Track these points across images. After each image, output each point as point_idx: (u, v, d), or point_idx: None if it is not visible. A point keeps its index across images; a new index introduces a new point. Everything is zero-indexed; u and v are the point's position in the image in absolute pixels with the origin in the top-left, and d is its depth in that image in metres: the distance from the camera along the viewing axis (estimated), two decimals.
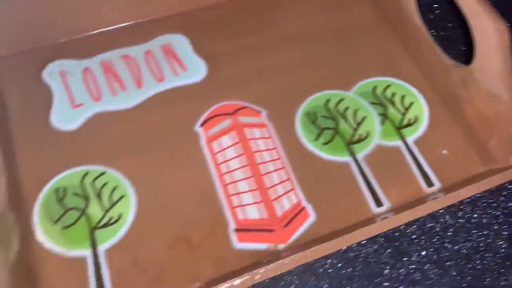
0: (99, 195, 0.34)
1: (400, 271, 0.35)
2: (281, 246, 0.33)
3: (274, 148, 0.37)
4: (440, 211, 0.37)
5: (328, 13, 0.45)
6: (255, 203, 0.35)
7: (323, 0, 0.45)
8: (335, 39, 0.43)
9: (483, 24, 0.33)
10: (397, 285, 0.34)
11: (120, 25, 0.41)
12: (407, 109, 0.40)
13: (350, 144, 0.38)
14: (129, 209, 0.34)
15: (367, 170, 0.37)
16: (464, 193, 0.33)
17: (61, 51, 0.40)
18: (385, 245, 0.36)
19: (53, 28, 0.39)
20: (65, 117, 0.37)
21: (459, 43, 0.45)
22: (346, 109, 0.40)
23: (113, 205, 0.34)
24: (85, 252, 0.32)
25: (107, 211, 0.34)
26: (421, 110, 0.40)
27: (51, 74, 0.39)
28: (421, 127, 0.39)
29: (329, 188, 0.36)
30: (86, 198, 0.34)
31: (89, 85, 0.39)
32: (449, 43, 0.45)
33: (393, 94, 0.41)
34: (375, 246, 0.36)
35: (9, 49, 0.38)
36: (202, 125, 0.38)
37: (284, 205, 0.35)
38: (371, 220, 0.35)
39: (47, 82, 0.38)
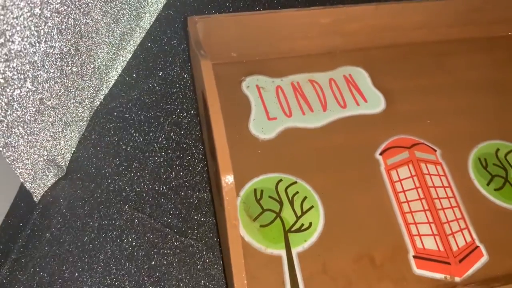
0: (291, 202, 0.37)
1: None
2: (458, 279, 0.35)
3: (448, 186, 0.40)
4: None
5: (503, 68, 0.48)
6: (432, 234, 0.37)
7: (497, 55, 0.48)
8: (505, 92, 0.46)
9: None
10: None
11: (308, 53, 0.46)
12: None
13: None
14: (318, 220, 0.37)
15: None
16: None
17: (257, 68, 0.44)
18: None
19: (254, 47, 0.44)
20: (262, 127, 0.41)
21: None
22: None
23: (304, 213, 0.37)
24: (281, 252, 0.35)
25: (299, 217, 0.37)
26: None
27: (248, 86, 0.43)
28: None
29: (501, 232, 0.38)
30: (281, 203, 0.37)
31: (281, 102, 0.43)
32: None
33: None
34: None
35: (220, 58, 0.44)
36: (381, 153, 0.41)
37: (459, 242, 0.37)
38: None
39: (246, 92, 0.43)
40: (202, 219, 0.39)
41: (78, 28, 0.37)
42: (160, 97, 0.45)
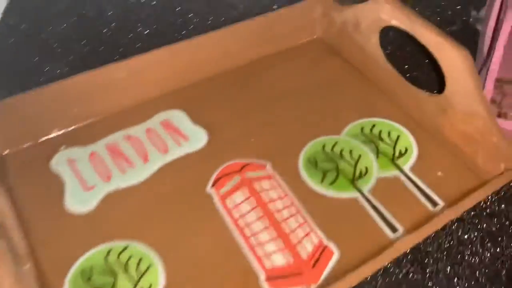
0: (126, 269, 0.34)
1: None
2: (313, 286, 0.34)
3: (285, 196, 0.39)
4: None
5: (307, 72, 0.50)
6: (279, 250, 0.36)
7: (300, 62, 0.51)
8: (318, 92, 0.48)
9: (448, 54, 0.38)
10: None
11: (119, 110, 0.44)
12: (395, 142, 0.44)
13: (354, 181, 0.40)
14: (157, 278, 0.34)
15: (375, 202, 0.39)
16: (468, 203, 0.36)
17: (65, 140, 0.41)
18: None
19: (54, 120, 0.41)
20: (80, 200, 0.37)
21: (429, 74, 0.51)
22: (342, 150, 0.43)
23: (141, 276, 0.34)
24: None
25: (137, 282, 0.33)
26: (408, 140, 0.44)
27: (58, 163, 0.40)
28: (413, 156, 0.42)
29: (345, 224, 0.38)
30: (114, 274, 0.34)
31: (98, 167, 0.40)
32: (421, 76, 0.50)
33: (380, 132, 0.44)
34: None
35: (13, 146, 0.40)
36: (213, 185, 0.39)
37: (307, 247, 0.36)
38: (390, 245, 0.36)
39: (56, 171, 0.39)
40: None
41: None
42: None
